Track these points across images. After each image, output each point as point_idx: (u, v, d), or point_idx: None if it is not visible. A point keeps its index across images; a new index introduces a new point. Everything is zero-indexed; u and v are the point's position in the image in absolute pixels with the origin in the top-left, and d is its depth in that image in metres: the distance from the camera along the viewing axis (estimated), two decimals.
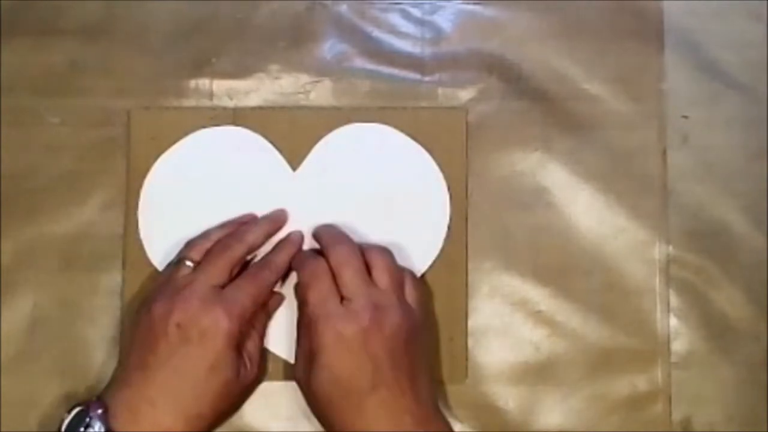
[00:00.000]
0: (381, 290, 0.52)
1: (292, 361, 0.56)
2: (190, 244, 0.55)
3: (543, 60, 0.60)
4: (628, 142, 0.59)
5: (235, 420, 0.56)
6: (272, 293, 0.56)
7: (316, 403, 0.51)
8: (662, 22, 0.60)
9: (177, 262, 0.54)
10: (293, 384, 0.56)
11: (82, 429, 0.48)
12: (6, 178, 0.58)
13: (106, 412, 0.49)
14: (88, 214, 0.58)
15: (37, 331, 0.57)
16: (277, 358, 0.57)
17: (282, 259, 0.55)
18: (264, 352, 0.56)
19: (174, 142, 0.58)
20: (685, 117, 0.59)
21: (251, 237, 0.55)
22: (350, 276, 0.52)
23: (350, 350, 0.50)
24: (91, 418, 0.48)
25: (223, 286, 0.52)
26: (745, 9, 0.60)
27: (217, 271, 0.52)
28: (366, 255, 0.53)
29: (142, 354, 0.50)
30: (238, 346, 0.51)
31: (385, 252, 0.54)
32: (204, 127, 0.59)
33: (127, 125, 0.59)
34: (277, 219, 0.57)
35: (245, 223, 0.57)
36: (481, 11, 0.60)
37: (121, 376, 0.51)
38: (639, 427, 0.56)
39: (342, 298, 0.51)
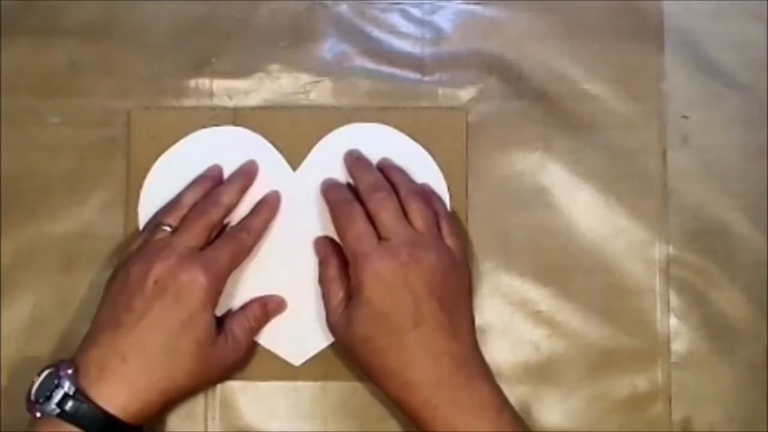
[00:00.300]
0: (417, 231, 0.52)
1: (292, 361, 0.56)
2: (165, 209, 0.55)
3: (543, 60, 0.60)
4: (628, 142, 0.59)
5: (235, 420, 0.56)
6: (274, 298, 0.56)
7: (354, 342, 0.51)
8: (662, 22, 0.60)
9: (154, 228, 0.54)
10: (293, 384, 0.56)
11: (51, 389, 0.48)
12: (6, 178, 0.58)
13: (76, 371, 0.49)
14: (88, 214, 0.58)
15: (37, 331, 0.57)
16: (277, 358, 0.57)
17: (259, 222, 0.56)
18: (253, 345, 0.56)
19: (174, 142, 0.58)
20: (685, 117, 0.59)
21: (226, 198, 0.55)
22: (388, 217, 0.52)
23: (390, 287, 0.50)
24: (60, 378, 0.48)
25: (201, 249, 0.53)
26: (745, 9, 0.60)
27: (195, 234, 0.53)
28: (402, 199, 0.54)
29: (117, 311, 0.51)
30: (214, 306, 0.52)
31: (419, 195, 0.54)
32: (204, 127, 0.59)
33: (127, 125, 0.59)
34: (249, 172, 0.57)
35: (217, 181, 0.57)
36: (481, 11, 0.60)
37: (92, 336, 0.51)
38: (639, 427, 0.56)
39: (380, 238, 0.52)
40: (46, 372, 0.49)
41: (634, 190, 0.58)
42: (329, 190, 0.57)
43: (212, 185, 0.56)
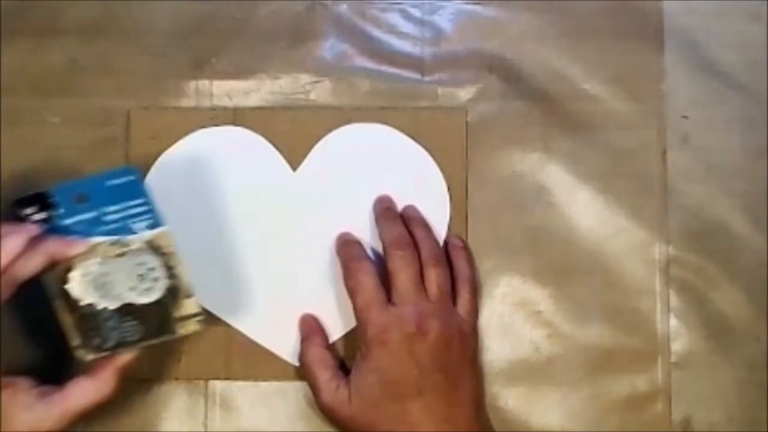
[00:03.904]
0: (430, 299, 0.53)
1: (291, 360, 0.56)
2: None
3: (543, 60, 0.60)
4: (628, 142, 0.59)
5: (235, 420, 0.56)
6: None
7: (361, 410, 0.51)
8: (662, 22, 0.60)
9: None
10: (293, 384, 0.56)
11: None
12: (6, 178, 0.58)
13: None
14: None
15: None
16: (277, 358, 0.57)
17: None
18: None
19: (174, 142, 0.58)
20: (685, 117, 0.59)
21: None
22: (404, 282, 0.53)
23: (396, 357, 0.51)
24: None
25: None
26: (745, 9, 0.60)
27: None
28: (421, 260, 0.54)
29: None
30: None
31: (440, 261, 0.54)
32: (204, 127, 0.59)
33: (127, 125, 0.59)
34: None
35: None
36: (481, 11, 0.60)
37: None
38: (639, 427, 0.56)
39: (390, 297, 0.53)
40: None
41: (634, 190, 0.58)
42: (342, 246, 0.56)
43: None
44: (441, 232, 0.58)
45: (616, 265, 0.58)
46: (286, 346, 0.56)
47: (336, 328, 0.57)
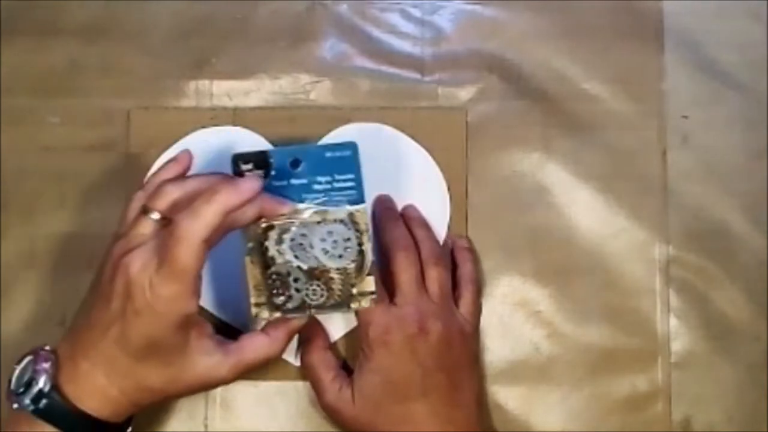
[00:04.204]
0: (431, 299, 0.53)
1: (291, 360, 0.56)
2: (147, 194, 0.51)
3: (543, 60, 0.60)
4: (628, 142, 0.59)
5: (235, 420, 0.56)
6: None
7: (364, 411, 0.51)
8: (662, 22, 0.60)
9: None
10: (292, 384, 0.56)
11: (29, 381, 0.47)
12: (6, 178, 0.58)
13: (54, 364, 0.47)
14: (88, 214, 0.58)
15: (37, 331, 0.57)
16: (277, 358, 0.56)
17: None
18: (247, 369, 0.51)
19: (174, 142, 0.58)
20: (685, 117, 0.59)
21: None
22: (406, 282, 0.53)
23: (399, 357, 0.51)
24: (36, 372, 0.47)
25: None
26: (745, 9, 0.60)
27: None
28: (422, 260, 0.54)
29: (94, 305, 0.48)
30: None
31: (440, 261, 0.54)
32: (204, 127, 0.59)
33: (127, 125, 0.59)
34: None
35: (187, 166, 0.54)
36: (481, 11, 0.61)
37: (73, 327, 0.49)
38: (639, 427, 0.56)
39: (392, 297, 0.53)
40: (26, 360, 0.48)
41: (634, 190, 0.58)
42: None
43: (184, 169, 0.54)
44: (441, 232, 0.58)
45: (616, 265, 0.58)
46: (288, 347, 0.56)
47: (337, 328, 0.57)
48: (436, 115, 0.59)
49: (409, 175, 0.58)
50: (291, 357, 0.56)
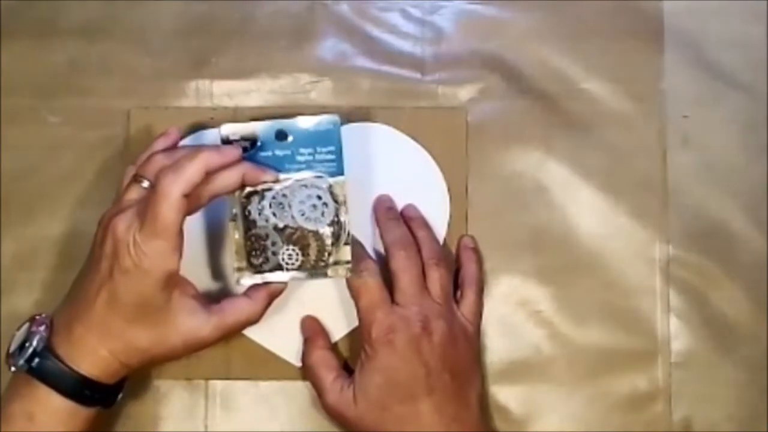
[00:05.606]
0: (433, 299, 0.53)
1: (291, 360, 0.56)
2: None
3: (543, 60, 0.60)
4: (628, 142, 0.59)
5: (235, 420, 0.56)
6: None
7: (368, 411, 0.51)
8: (662, 22, 0.60)
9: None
10: (292, 384, 0.56)
11: (21, 343, 0.49)
12: (6, 178, 0.58)
13: (49, 327, 0.50)
14: (88, 214, 0.58)
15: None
16: (277, 358, 0.57)
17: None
18: (232, 330, 0.52)
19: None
20: (685, 117, 0.59)
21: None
22: (407, 283, 0.53)
23: (404, 357, 0.51)
24: (31, 334, 0.49)
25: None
26: (745, 9, 0.60)
27: None
28: (423, 261, 0.54)
29: (89, 271, 0.51)
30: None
31: (441, 262, 0.54)
32: (204, 127, 0.59)
33: (127, 125, 0.59)
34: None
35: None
36: (481, 11, 0.61)
37: (70, 293, 0.52)
38: (639, 427, 0.56)
39: (393, 300, 0.53)
40: (24, 326, 0.50)
41: (634, 190, 0.58)
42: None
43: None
44: (441, 232, 0.58)
45: (616, 265, 0.58)
46: (288, 347, 0.56)
47: (338, 328, 0.57)
48: (436, 115, 0.59)
49: (409, 175, 0.58)
50: (292, 357, 0.56)
